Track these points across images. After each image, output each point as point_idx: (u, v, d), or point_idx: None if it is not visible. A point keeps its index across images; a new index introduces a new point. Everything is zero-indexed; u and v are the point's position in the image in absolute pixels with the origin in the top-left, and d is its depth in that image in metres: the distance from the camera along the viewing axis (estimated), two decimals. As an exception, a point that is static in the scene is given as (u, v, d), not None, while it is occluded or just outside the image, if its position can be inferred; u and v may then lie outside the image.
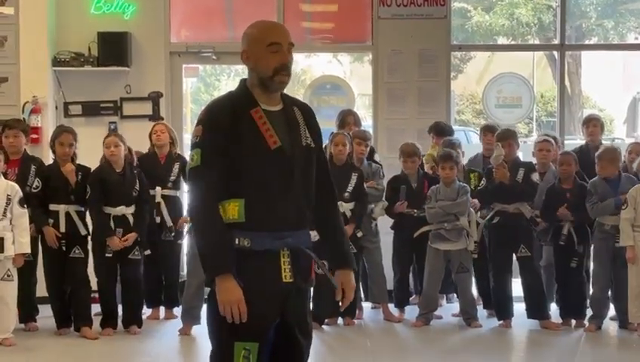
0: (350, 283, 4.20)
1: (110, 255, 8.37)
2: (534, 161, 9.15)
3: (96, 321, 8.48)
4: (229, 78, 22.90)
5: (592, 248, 8.84)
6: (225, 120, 3.98)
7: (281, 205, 3.98)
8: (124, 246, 8.37)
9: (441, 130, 9.68)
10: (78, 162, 8.56)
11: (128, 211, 8.46)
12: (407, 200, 9.05)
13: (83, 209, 8.53)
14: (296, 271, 4.04)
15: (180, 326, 8.52)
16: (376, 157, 9.64)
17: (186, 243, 8.98)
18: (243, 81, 4.12)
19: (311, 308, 4.34)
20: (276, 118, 4.04)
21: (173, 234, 9.04)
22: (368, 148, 9.27)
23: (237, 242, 3.92)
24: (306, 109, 4.22)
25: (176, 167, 9.06)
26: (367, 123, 10.98)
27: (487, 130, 9.69)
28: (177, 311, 9.09)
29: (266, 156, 3.96)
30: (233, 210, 3.95)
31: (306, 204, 4.09)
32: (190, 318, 8.49)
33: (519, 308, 8.80)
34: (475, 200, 8.96)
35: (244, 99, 4.05)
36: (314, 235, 4.21)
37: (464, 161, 9.56)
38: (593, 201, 8.50)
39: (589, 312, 8.70)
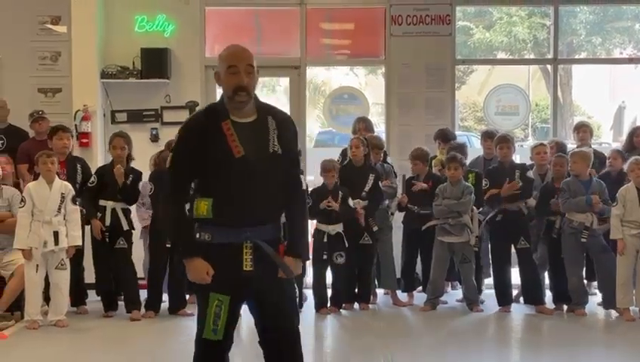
0: (293, 266, 4.22)
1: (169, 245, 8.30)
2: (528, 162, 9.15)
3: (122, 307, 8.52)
4: (257, 88, 22.85)
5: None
6: (196, 130, 4.16)
7: (243, 205, 4.11)
8: None
9: (445, 137, 9.65)
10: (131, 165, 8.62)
11: None
12: (415, 198, 9.03)
13: (129, 207, 8.55)
14: (258, 261, 4.13)
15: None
16: (388, 159, 9.64)
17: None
18: (222, 96, 4.24)
19: (329, 294, 4.43)
20: (245, 129, 4.13)
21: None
22: (382, 153, 9.32)
23: (198, 236, 4.14)
24: (281, 119, 4.26)
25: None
26: (379, 129, 10.93)
27: (487, 136, 9.67)
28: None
29: (231, 163, 4.09)
30: (203, 207, 4.13)
31: (269, 203, 4.16)
32: None
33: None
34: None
35: (218, 112, 4.18)
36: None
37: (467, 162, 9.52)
38: (565, 197, 8.46)
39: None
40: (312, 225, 9.10)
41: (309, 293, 8.95)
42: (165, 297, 8.65)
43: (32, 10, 10.20)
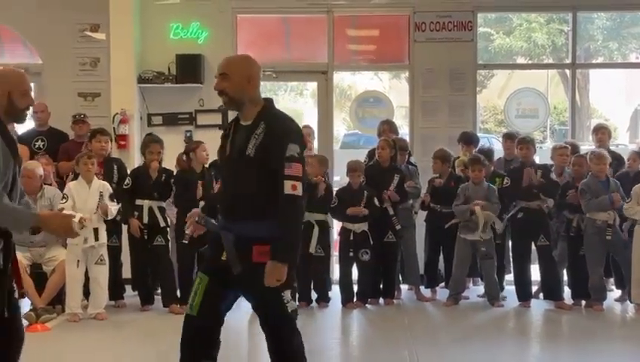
0: (268, 271, 4.17)
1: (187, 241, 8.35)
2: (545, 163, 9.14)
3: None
4: (285, 92, 22.86)
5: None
6: (224, 131, 4.50)
7: (223, 200, 4.45)
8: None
9: (468, 139, 9.63)
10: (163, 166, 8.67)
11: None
12: (437, 197, 9.04)
13: (164, 204, 8.59)
14: (229, 252, 4.26)
15: (247, 303, 8.53)
16: (412, 160, 9.63)
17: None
18: None
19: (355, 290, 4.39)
20: (241, 131, 4.33)
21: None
22: (407, 154, 9.35)
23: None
24: (273, 127, 4.26)
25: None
26: (403, 131, 10.91)
27: (507, 137, 9.70)
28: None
29: (224, 161, 4.46)
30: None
31: (243, 202, 4.24)
32: None
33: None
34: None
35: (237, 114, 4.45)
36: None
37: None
38: (587, 198, 8.41)
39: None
40: (338, 223, 9.13)
41: (335, 290, 8.93)
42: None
43: (73, 18, 10.27)
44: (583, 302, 8.66)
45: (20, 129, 10.34)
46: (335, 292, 8.93)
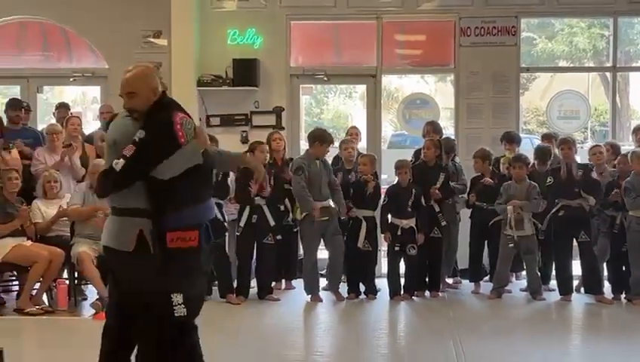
0: None
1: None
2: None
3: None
4: (335, 95, 22.93)
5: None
6: None
7: None
8: None
9: (511, 138, 9.61)
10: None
11: None
12: (482, 195, 9.04)
13: (222, 201, 8.70)
14: None
15: (299, 295, 8.68)
16: (457, 159, 9.65)
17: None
18: None
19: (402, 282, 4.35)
20: None
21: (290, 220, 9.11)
22: (452, 154, 9.44)
23: None
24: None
25: (286, 168, 9.09)
26: (448, 132, 10.92)
27: (545, 138, 9.86)
28: (294, 283, 9.26)
29: None
30: None
31: None
32: (313, 288, 8.61)
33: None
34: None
35: None
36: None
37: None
38: (632, 196, 8.36)
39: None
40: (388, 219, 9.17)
41: (383, 283, 8.98)
42: (253, 283, 8.81)
43: (136, 25, 10.46)
44: (623, 297, 8.60)
45: (88, 130, 10.61)
46: (383, 284, 8.99)
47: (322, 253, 8.94)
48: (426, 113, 10.85)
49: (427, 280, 8.97)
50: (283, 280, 9.34)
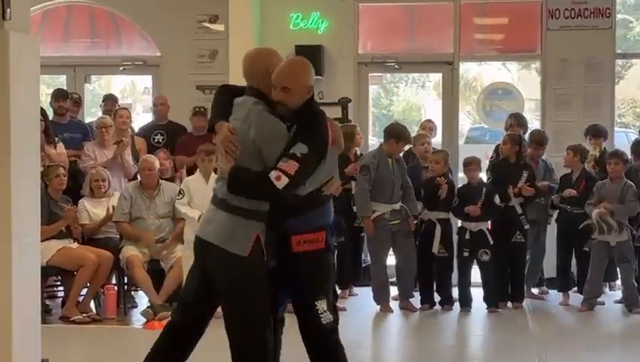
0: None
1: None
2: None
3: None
4: (406, 84, 22.84)
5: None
6: None
7: None
8: None
9: (597, 132, 9.43)
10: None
11: None
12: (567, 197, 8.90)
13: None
14: None
15: (367, 305, 8.63)
16: (543, 157, 9.49)
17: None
18: None
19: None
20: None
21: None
22: (543, 149, 9.23)
23: None
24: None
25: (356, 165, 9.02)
26: (533, 125, 10.77)
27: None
28: (357, 290, 9.24)
29: None
30: None
31: None
32: (382, 297, 8.55)
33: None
34: None
35: None
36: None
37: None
38: None
39: None
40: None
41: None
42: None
43: (191, 9, 10.54)
44: None
45: (139, 122, 10.73)
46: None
47: (391, 259, 8.87)
48: (508, 104, 10.75)
49: (509, 289, 8.83)
50: (349, 288, 9.28)
